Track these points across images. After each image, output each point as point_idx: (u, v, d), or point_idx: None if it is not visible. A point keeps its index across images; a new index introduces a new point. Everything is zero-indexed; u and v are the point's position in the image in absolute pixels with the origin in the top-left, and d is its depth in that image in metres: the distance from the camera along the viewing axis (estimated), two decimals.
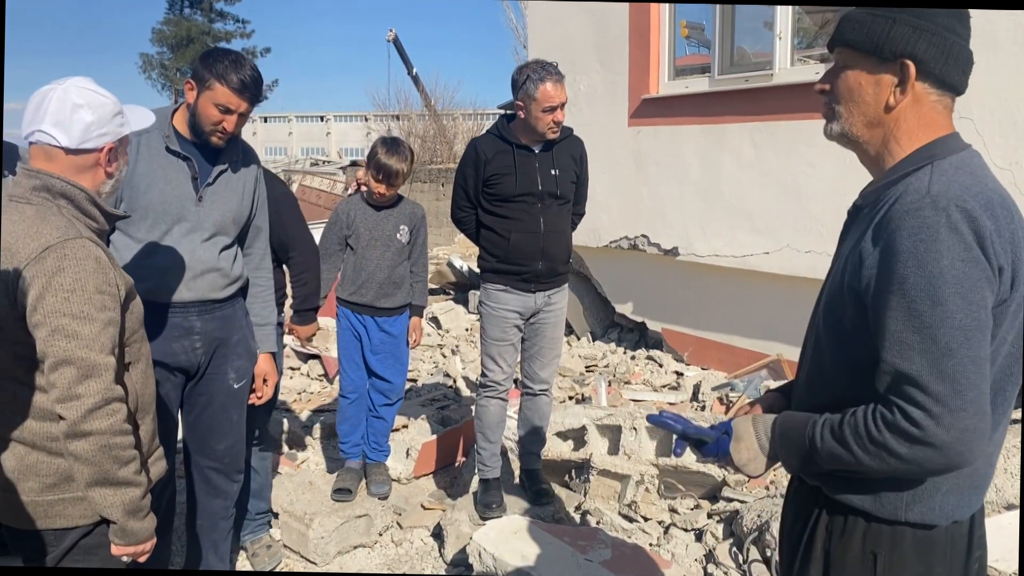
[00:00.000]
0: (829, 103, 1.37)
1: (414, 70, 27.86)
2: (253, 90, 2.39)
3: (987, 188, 1.22)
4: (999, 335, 1.21)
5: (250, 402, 2.78)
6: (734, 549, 3.00)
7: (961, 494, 1.27)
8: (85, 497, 1.72)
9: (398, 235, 3.56)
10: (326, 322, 5.62)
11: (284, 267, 3.33)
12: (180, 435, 2.73)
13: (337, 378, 3.95)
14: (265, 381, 2.79)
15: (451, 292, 8.76)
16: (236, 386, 2.64)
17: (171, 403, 2.53)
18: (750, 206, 4.89)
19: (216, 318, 2.55)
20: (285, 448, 4.34)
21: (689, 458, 3.42)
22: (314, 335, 3.58)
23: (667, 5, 5.46)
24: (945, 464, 1.16)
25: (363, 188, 3.63)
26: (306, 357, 6.07)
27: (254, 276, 2.74)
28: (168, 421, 2.48)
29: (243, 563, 3.16)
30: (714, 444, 1.45)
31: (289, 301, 3.51)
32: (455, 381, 5.41)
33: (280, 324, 3.36)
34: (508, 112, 3.44)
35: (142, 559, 1.80)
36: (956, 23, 1.28)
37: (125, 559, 1.78)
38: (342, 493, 3.48)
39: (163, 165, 2.43)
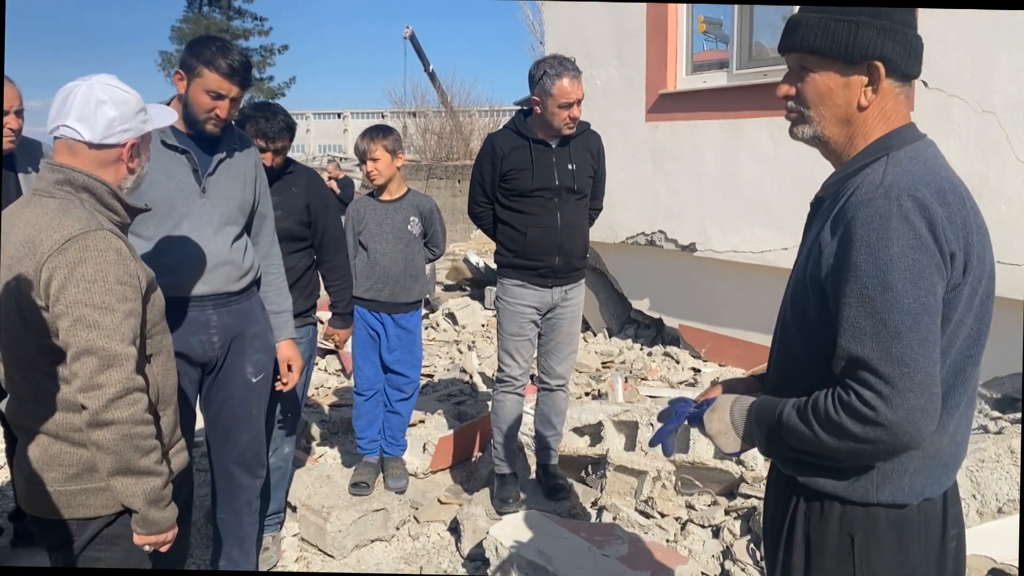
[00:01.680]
0: (796, 108, 1.39)
1: (431, 67, 27.91)
2: (242, 74, 2.40)
3: (939, 177, 1.26)
4: (955, 318, 1.26)
5: (276, 388, 2.80)
6: (752, 546, 2.98)
7: (928, 473, 1.32)
8: (107, 487, 1.74)
9: (409, 226, 3.56)
10: None
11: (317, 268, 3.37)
12: (200, 429, 2.75)
13: (352, 374, 3.97)
14: (290, 368, 2.80)
15: (467, 288, 8.77)
16: (254, 380, 2.65)
17: (189, 397, 2.54)
18: (768, 201, 4.85)
19: (232, 311, 2.56)
20: (302, 442, 4.37)
21: (706, 454, 3.42)
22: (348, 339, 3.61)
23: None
24: (895, 443, 1.20)
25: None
26: (323, 352, 6.10)
27: (265, 264, 2.74)
28: (186, 415, 2.50)
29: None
30: (693, 412, 1.54)
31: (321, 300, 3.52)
32: (471, 377, 5.42)
33: (314, 323, 3.35)
34: (525, 108, 3.44)
35: (163, 548, 1.82)
36: (908, 16, 1.33)
37: (147, 548, 1.80)
38: (359, 487, 3.50)
39: (162, 160, 2.41)
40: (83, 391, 1.65)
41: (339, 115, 43.44)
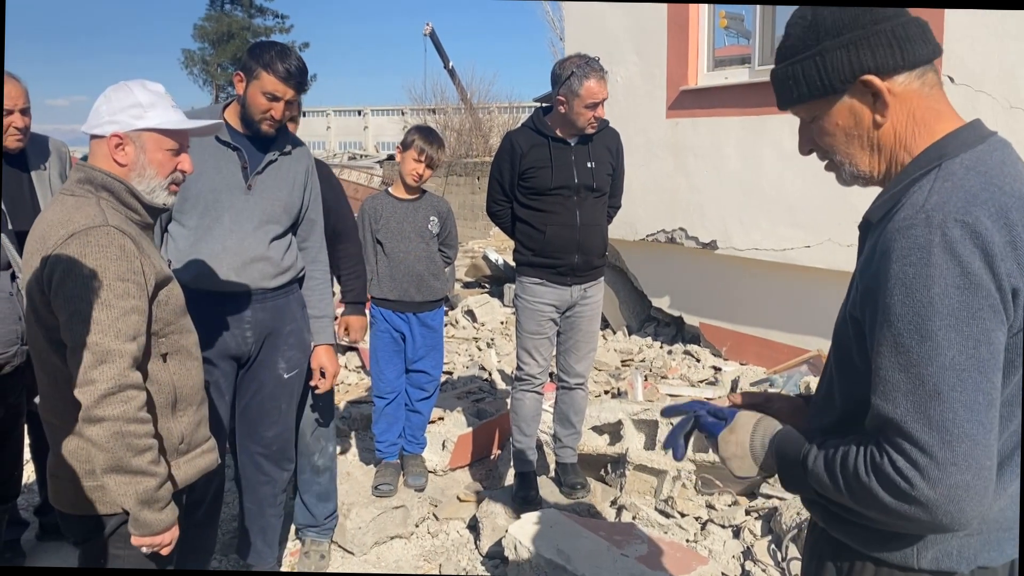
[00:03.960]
0: (825, 157, 1.24)
1: (450, 63, 27.95)
2: (298, 78, 2.47)
3: (1002, 191, 1.05)
4: None
5: (317, 392, 2.82)
6: (772, 546, 2.96)
7: (985, 539, 1.12)
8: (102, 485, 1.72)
9: (429, 226, 3.57)
10: None
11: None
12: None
13: (371, 375, 3.97)
14: (323, 374, 2.81)
15: (486, 285, 8.77)
16: (286, 376, 2.68)
17: (222, 391, 2.57)
18: (791, 199, 4.81)
19: (267, 308, 2.59)
20: None
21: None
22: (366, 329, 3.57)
23: None
24: (932, 524, 1.02)
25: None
26: (344, 349, 6.12)
27: (311, 269, 2.78)
28: (217, 410, 2.52)
29: (287, 561, 3.18)
30: (710, 423, 1.35)
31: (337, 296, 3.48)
32: (490, 374, 5.42)
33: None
34: (544, 105, 3.43)
35: (164, 551, 1.78)
36: (876, 13, 1.14)
37: (144, 550, 1.76)
38: (382, 489, 3.50)
39: (214, 155, 2.50)
40: (78, 386, 1.64)
41: (359, 112, 43.63)
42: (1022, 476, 1.14)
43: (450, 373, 5.51)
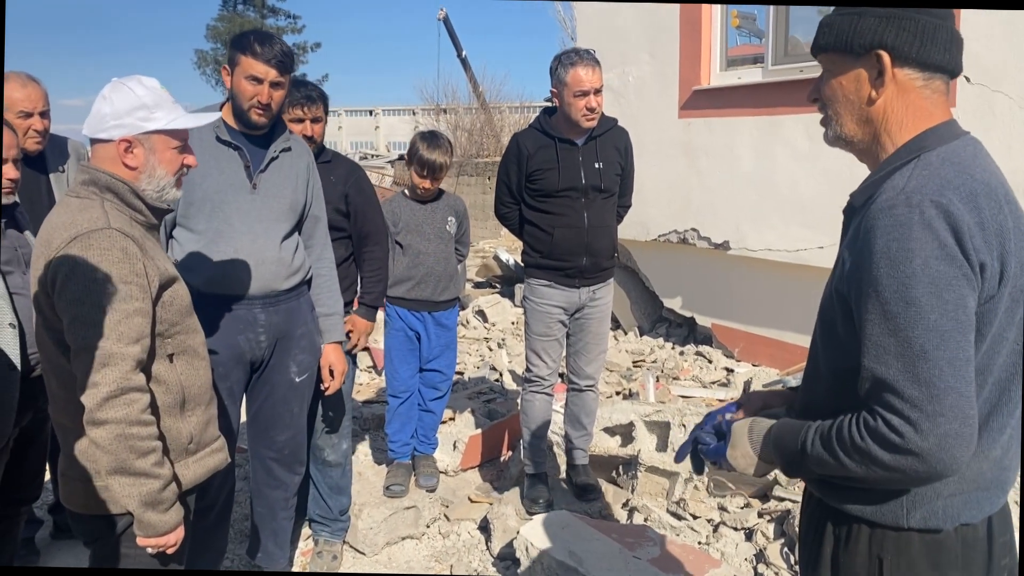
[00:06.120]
0: (823, 110, 1.36)
1: (463, 52, 27.88)
2: (280, 57, 2.42)
3: (972, 179, 1.18)
4: (991, 333, 1.18)
5: (326, 392, 2.81)
6: (785, 549, 2.94)
7: (965, 498, 1.24)
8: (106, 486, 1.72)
9: (447, 226, 3.58)
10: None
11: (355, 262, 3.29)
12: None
13: (384, 372, 3.97)
14: (331, 372, 2.79)
15: (497, 285, 8.76)
16: (298, 380, 2.66)
17: (235, 396, 2.56)
18: (804, 199, 4.78)
19: (280, 311, 2.57)
20: None
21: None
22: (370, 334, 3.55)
23: None
24: (928, 472, 1.12)
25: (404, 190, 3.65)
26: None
27: (317, 266, 2.76)
28: (228, 414, 2.51)
29: (299, 561, 3.19)
30: (713, 448, 1.48)
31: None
32: (501, 375, 5.41)
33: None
34: (550, 105, 3.42)
35: (170, 551, 1.78)
36: (925, 7, 1.25)
37: (149, 550, 1.76)
38: (393, 490, 3.51)
39: (215, 155, 2.47)
40: (81, 389, 1.64)
41: (371, 112, 43.78)
42: (1023, 441, 1.25)
43: (461, 373, 5.51)
